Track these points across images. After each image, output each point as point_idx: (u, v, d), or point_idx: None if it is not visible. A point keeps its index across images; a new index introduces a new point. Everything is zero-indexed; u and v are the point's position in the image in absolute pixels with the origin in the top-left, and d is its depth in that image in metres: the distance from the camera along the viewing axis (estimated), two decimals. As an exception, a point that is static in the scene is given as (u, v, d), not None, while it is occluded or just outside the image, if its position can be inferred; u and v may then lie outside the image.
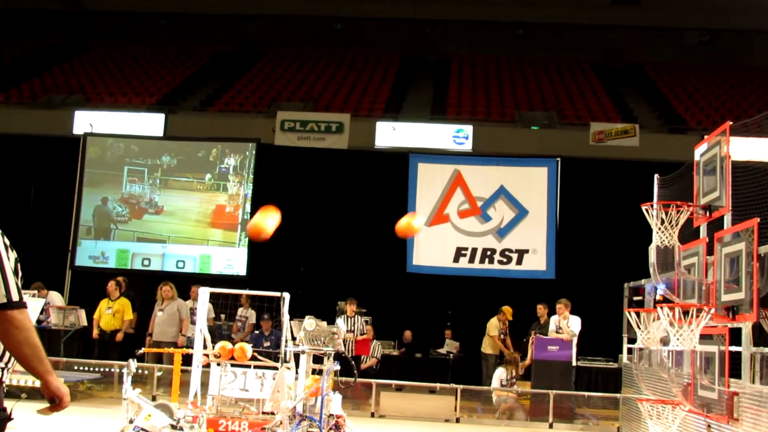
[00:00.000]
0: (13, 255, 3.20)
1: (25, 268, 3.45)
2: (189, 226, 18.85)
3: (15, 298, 3.09)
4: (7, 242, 3.20)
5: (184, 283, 16.04)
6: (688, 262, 10.14)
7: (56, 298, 15.80)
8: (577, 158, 18.28)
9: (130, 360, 7.88)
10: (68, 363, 12.89)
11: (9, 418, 3.21)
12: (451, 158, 18.66)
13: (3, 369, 3.23)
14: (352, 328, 14.08)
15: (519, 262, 17.59)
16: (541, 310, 14.85)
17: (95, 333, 14.51)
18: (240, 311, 15.74)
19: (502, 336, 15.44)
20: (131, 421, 7.37)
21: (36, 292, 14.62)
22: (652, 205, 10.66)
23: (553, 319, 14.00)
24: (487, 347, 15.48)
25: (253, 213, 18.10)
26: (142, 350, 10.04)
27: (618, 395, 12.35)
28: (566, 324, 13.66)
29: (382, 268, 17.67)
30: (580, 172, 17.86)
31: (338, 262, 17.81)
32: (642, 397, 9.62)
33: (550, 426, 12.39)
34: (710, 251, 9.44)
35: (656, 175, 11.16)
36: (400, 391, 13.27)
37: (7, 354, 3.23)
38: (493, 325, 15.49)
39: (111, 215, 18.88)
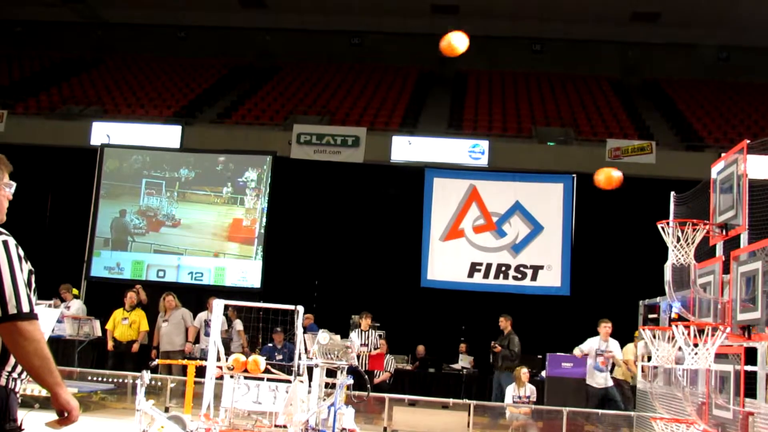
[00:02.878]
0: (27, 267, 3.23)
1: (40, 279, 3.47)
2: (206, 239, 18.90)
3: (26, 309, 3.11)
4: (22, 254, 3.22)
5: (199, 296, 16.11)
6: (703, 281, 10.09)
7: (79, 306, 15.87)
8: (593, 174, 18.18)
9: (144, 371, 7.90)
10: (82, 373, 12.90)
11: (20, 429, 3.22)
12: (466, 173, 18.64)
13: (16, 379, 3.25)
14: (366, 342, 14.06)
15: (534, 278, 17.54)
16: (503, 322, 14.84)
17: (110, 345, 14.56)
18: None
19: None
20: (144, 433, 7.39)
21: (52, 302, 14.69)
22: (668, 223, 10.63)
23: (595, 340, 13.66)
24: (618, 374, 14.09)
25: (269, 227, 18.22)
26: (156, 362, 10.06)
27: (632, 413, 12.25)
28: (606, 347, 13.46)
29: (397, 283, 17.65)
30: (596, 188, 17.76)
31: (353, 275, 17.80)
32: (656, 415, 9.55)
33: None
34: (726, 270, 9.39)
35: (672, 193, 11.12)
36: (413, 406, 13.21)
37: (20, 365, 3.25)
38: (630, 350, 13.98)
39: (128, 227, 18.96)
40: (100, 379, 13.09)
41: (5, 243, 3.16)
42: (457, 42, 8.86)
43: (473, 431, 12.50)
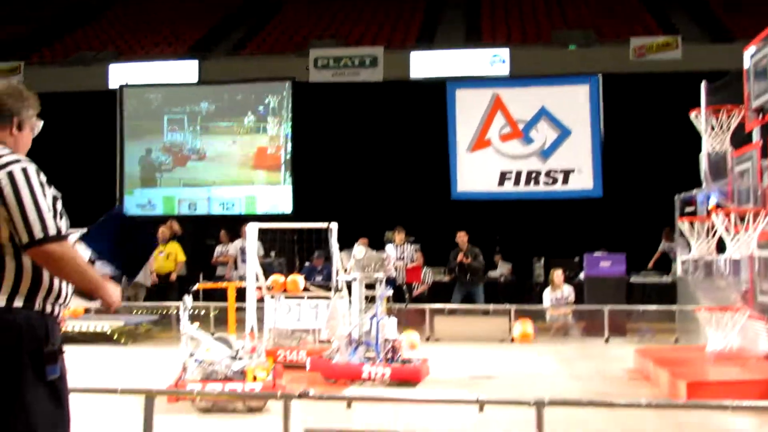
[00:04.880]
0: (50, 192, 3.21)
1: (75, 223, 3.46)
2: (233, 170, 19.00)
3: (52, 232, 3.08)
4: (44, 179, 3.20)
5: (232, 226, 16.19)
6: (741, 168, 9.95)
7: None
8: (618, 74, 17.93)
9: (186, 296, 7.95)
10: (126, 307, 13.09)
11: (60, 353, 3.24)
12: (489, 82, 18.41)
13: (53, 304, 3.25)
14: (402, 256, 14.08)
15: (565, 182, 17.43)
16: (462, 237, 14.66)
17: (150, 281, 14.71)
18: (219, 248, 16.25)
19: None
20: (191, 355, 7.45)
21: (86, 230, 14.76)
22: (701, 111, 10.45)
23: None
24: None
25: (295, 152, 18.23)
26: (197, 286, 10.13)
27: (674, 307, 12.23)
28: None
29: (427, 198, 17.58)
30: (623, 88, 17.52)
31: (383, 193, 17.73)
32: (700, 306, 9.51)
33: (606, 341, 12.34)
34: (765, 155, 9.25)
35: (703, 82, 10.87)
36: (454, 314, 13.28)
37: (61, 291, 3.26)
38: None
39: (155, 165, 19.06)
40: (144, 311, 13.32)
41: (24, 170, 3.12)
42: None
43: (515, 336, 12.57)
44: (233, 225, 16.04)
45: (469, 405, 4.74)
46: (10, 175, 3.09)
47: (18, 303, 3.12)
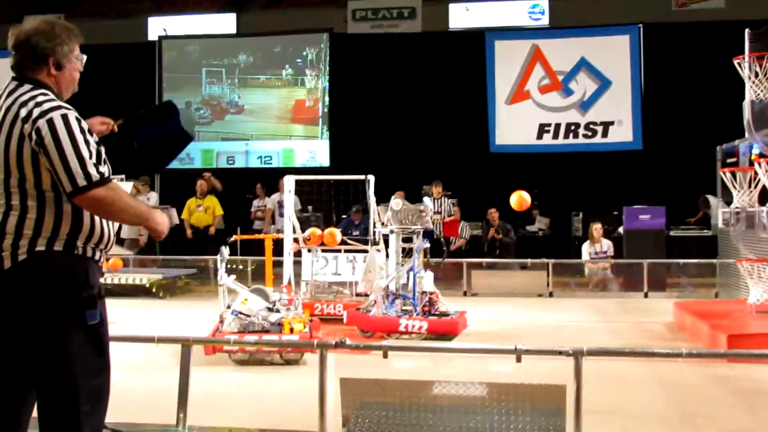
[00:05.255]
0: (92, 139, 3.18)
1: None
2: (270, 123, 19.01)
3: (95, 177, 3.06)
4: (85, 126, 3.16)
5: (270, 179, 16.25)
6: (786, 115, 9.73)
7: (157, 197, 16.22)
8: (659, 23, 17.57)
9: (223, 248, 8.00)
10: (165, 260, 13.24)
11: (99, 297, 3.24)
12: (528, 33, 18.13)
13: (94, 248, 3.24)
14: (439, 210, 14.04)
15: (604, 134, 17.21)
16: (492, 214, 14.82)
17: (189, 233, 14.84)
18: (256, 203, 16.31)
19: None
20: (228, 307, 7.51)
21: (122, 177, 14.90)
22: (744, 59, 10.20)
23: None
24: None
25: (332, 105, 18.18)
26: (233, 238, 10.19)
27: (714, 260, 12.09)
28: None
29: (465, 151, 17.45)
30: (664, 38, 17.17)
31: (421, 148, 17.63)
32: (741, 258, 9.39)
33: (645, 295, 12.26)
34: (809, 102, 9.03)
35: (747, 30, 10.58)
36: (492, 269, 13.26)
37: (103, 235, 3.25)
38: None
39: (194, 118, 19.11)
40: (183, 265, 13.46)
41: (65, 117, 3.08)
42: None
43: (553, 289, 12.54)
44: (271, 179, 16.10)
45: (507, 355, 4.72)
46: (50, 122, 3.05)
47: (58, 247, 3.12)
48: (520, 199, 10.31)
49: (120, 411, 4.61)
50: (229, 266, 8.18)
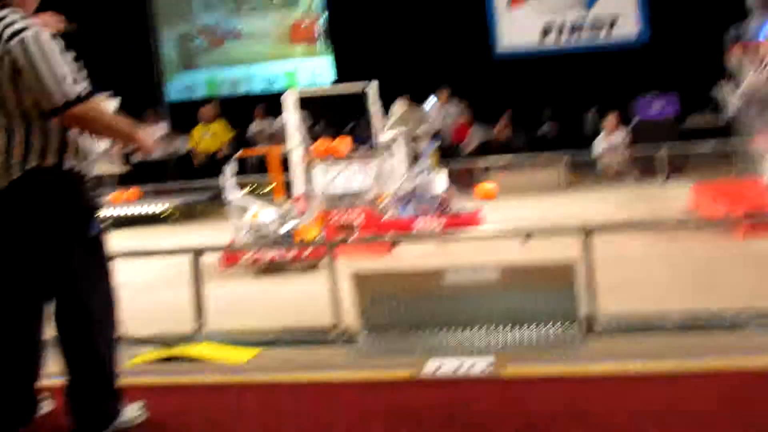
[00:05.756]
0: (69, 56, 3.18)
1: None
2: (270, 46, 18.84)
3: (72, 95, 3.06)
4: (61, 44, 3.16)
5: (276, 101, 16.12)
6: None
7: (167, 127, 16.21)
8: None
9: (228, 164, 7.97)
10: (182, 188, 13.26)
11: (97, 207, 3.35)
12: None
13: (83, 162, 3.26)
14: (447, 115, 13.87)
15: (610, 30, 16.87)
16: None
17: (196, 162, 14.80)
18: (254, 126, 16.07)
19: None
20: (240, 220, 7.53)
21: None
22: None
23: None
24: None
25: (331, 21, 17.90)
26: (239, 153, 10.15)
27: (729, 145, 11.92)
28: None
29: (470, 59, 17.16)
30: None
31: (425, 57, 17.35)
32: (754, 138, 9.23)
33: (665, 180, 12.12)
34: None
35: None
36: (504, 170, 13.16)
37: (88, 150, 3.29)
38: None
39: (192, 48, 18.97)
40: (194, 190, 13.48)
41: (36, 36, 3.05)
42: None
43: (568, 184, 12.43)
44: (277, 101, 15.97)
45: (517, 237, 4.69)
46: (23, 42, 3.03)
47: (49, 163, 3.14)
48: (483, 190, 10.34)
49: (138, 325, 4.71)
50: (242, 187, 8.17)
